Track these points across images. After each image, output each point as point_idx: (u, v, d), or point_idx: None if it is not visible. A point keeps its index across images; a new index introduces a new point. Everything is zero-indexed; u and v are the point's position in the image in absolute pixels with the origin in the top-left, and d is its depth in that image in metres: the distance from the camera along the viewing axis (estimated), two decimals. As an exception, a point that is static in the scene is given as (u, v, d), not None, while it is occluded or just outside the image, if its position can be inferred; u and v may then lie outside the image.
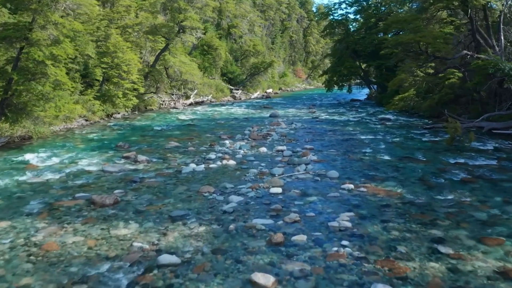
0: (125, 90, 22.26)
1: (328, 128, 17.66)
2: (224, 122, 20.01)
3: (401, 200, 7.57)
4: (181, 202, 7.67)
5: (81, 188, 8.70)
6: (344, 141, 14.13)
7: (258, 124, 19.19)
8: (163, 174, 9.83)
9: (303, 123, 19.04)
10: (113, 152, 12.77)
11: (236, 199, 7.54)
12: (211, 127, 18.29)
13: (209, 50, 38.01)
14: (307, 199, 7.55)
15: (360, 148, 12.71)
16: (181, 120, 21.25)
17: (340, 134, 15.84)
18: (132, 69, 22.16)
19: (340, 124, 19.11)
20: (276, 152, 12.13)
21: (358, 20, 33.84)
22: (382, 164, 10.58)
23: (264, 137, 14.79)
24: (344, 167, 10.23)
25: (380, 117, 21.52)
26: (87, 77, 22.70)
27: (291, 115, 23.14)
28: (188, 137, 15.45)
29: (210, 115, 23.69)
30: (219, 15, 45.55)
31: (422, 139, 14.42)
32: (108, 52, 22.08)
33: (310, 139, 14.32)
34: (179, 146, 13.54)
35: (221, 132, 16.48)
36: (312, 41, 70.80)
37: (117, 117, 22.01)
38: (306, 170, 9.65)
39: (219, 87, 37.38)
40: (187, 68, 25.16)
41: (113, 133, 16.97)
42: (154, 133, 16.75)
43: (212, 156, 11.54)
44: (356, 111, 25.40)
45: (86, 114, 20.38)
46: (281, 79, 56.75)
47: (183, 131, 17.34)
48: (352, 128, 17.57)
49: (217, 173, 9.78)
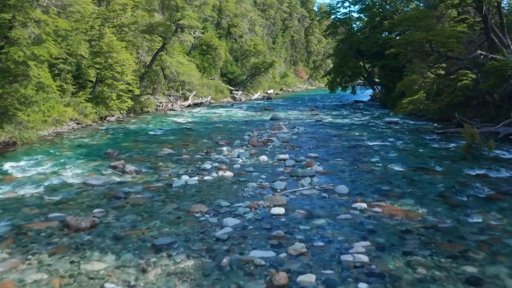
0: (119, 91, 21.28)
1: (332, 132, 16.63)
2: (223, 126, 19.00)
3: (423, 224, 6.54)
4: (168, 225, 6.66)
5: (58, 206, 7.69)
6: (351, 148, 13.09)
7: (258, 128, 18.17)
8: (151, 188, 8.82)
9: (306, 127, 18.01)
10: (100, 160, 11.77)
11: (232, 222, 6.52)
12: (208, 132, 17.27)
13: (208, 50, 37.01)
14: (314, 223, 6.53)
15: (369, 157, 11.68)
16: (177, 123, 20.24)
17: (346, 139, 14.80)
18: (126, 70, 21.16)
19: (345, 128, 18.07)
20: (277, 161, 11.11)
21: (362, 19, 32.82)
22: (395, 176, 9.55)
23: (265, 144, 13.77)
24: (354, 180, 9.20)
25: (387, 120, 20.48)
26: (80, 78, 21.72)
27: (293, 118, 22.11)
28: (183, 143, 14.44)
29: (208, 117, 22.68)
30: (218, 14, 44.55)
31: (435, 146, 13.38)
32: (102, 52, 21.08)
33: (314, 146, 13.29)
34: (172, 154, 12.53)
35: (219, 137, 15.47)
36: (314, 41, 69.73)
37: (111, 120, 21.00)
38: (312, 184, 8.63)
39: (219, 88, 36.37)
40: (184, 69, 24.15)
41: (104, 138, 15.97)
42: (148, 138, 15.74)
43: (207, 166, 10.52)
44: (361, 114, 24.37)
45: (78, 117, 19.38)
46: (282, 79, 55.72)
47: (179, 135, 16.33)
48: (358, 132, 16.54)
49: (211, 187, 8.76)
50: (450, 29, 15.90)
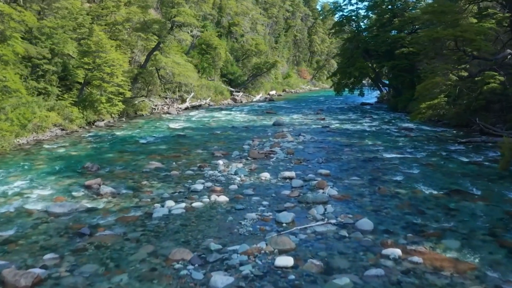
0: (109, 94, 19.60)
1: (342, 141, 14.89)
2: (221, 133, 17.28)
3: (482, 284, 4.81)
4: (138, 282, 4.96)
5: (3, 247, 6.01)
6: (366, 162, 11.35)
7: (259, 135, 16.45)
8: (126, 219, 7.11)
9: (313, 135, 16.28)
10: (76, 177, 10.09)
11: (222, 281, 4.80)
12: (204, 140, 15.56)
13: (208, 49, 35.26)
14: (334, 283, 4.81)
15: (390, 174, 9.94)
16: (171, 129, 18.53)
17: (359, 150, 13.06)
18: (116, 71, 19.47)
19: (356, 135, 16.32)
20: (282, 180, 9.39)
21: (369, 17, 31.00)
22: (427, 203, 7.82)
23: (267, 156, 12.05)
24: (377, 209, 7.46)
25: (400, 126, 18.72)
26: (67, 79, 20.05)
27: (298, 123, 20.37)
28: (174, 154, 12.73)
29: (206, 122, 20.97)
30: (219, 12, 42.85)
31: (462, 159, 11.62)
32: (90, 52, 19.41)
33: (324, 159, 11.54)
34: (160, 168, 10.84)
35: (215, 147, 13.76)
36: (317, 40, 67.88)
37: (100, 125, 19.32)
38: (326, 215, 6.92)
39: (218, 89, 34.65)
40: (180, 69, 22.45)
41: (87, 147, 14.28)
42: (136, 148, 14.04)
43: (198, 187, 8.82)
44: (370, 118, 22.60)
45: (62, 123, 17.72)
46: (284, 80, 53.93)
47: (171, 144, 14.63)
48: (371, 141, 14.79)
49: (200, 219, 7.05)
50: (478, 25, 14.13)
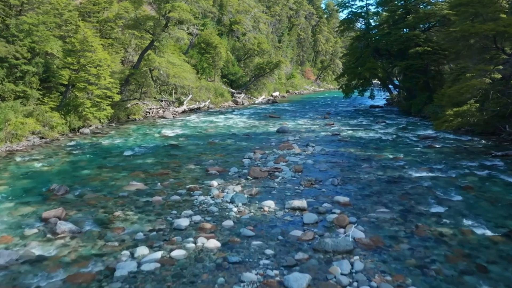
0: (95, 97, 17.70)
1: (358, 153, 12.90)
2: (218, 142, 15.33)
3: None
4: None
5: None
6: (391, 184, 9.36)
7: (262, 145, 14.50)
8: (78, 279, 5.17)
9: (323, 145, 14.30)
10: (37, 203, 8.21)
11: None
12: (199, 151, 13.62)
13: (207, 48, 33.33)
14: None
15: (425, 203, 7.95)
16: (164, 137, 16.60)
17: (380, 166, 11.07)
18: (103, 72, 17.57)
19: (372, 146, 14.33)
20: (290, 211, 7.43)
21: (380, 14, 28.92)
22: (484, 251, 5.84)
23: (271, 174, 10.09)
24: (422, 263, 5.48)
25: (420, 134, 16.67)
26: (49, 81, 18.17)
27: (304, 130, 18.38)
28: (162, 171, 10.80)
29: (203, 128, 19.01)
30: (219, 9, 40.94)
31: (507, 179, 9.61)
32: (74, 51, 17.53)
33: (339, 179, 9.54)
34: (141, 192, 8.92)
35: (211, 161, 11.82)
36: (322, 40, 65.84)
37: (85, 132, 17.41)
38: (353, 277, 4.95)
39: (219, 90, 32.72)
40: (176, 70, 20.51)
41: (63, 160, 12.36)
42: (119, 161, 12.12)
43: (183, 223, 6.87)
44: (384, 123, 20.57)
45: (42, 130, 15.84)
46: (288, 80, 51.93)
47: (160, 157, 12.69)
48: (391, 153, 12.80)
49: (179, 281, 5.09)
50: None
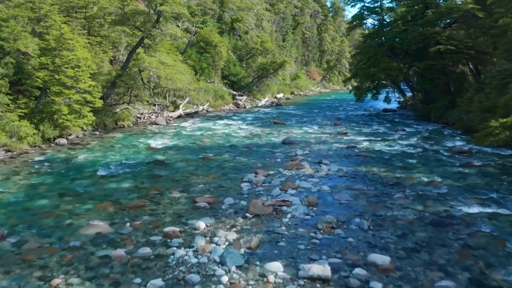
0: (74, 103, 15.36)
1: (384, 175, 10.46)
2: (213, 157, 12.93)
3: None
4: None
5: None
6: (441, 228, 6.90)
7: (265, 162, 12.10)
8: None
9: (339, 162, 11.88)
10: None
11: None
12: (189, 170, 11.24)
13: (207, 47, 30.95)
14: None
15: (500, 266, 5.53)
16: (151, 149, 14.24)
17: (417, 196, 8.64)
18: (82, 75, 15.23)
19: (398, 163, 11.87)
20: (307, 284, 5.02)
21: (394, 10, 26.38)
22: None
23: (276, 210, 7.68)
24: None
25: (452, 147, 14.14)
26: (22, 84, 15.85)
27: (314, 141, 15.92)
28: (136, 203, 8.44)
29: (197, 138, 16.62)
30: (220, 6, 38.55)
31: None
32: (49, 49, 15.22)
33: (369, 220, 7.10)
34: (101, 238, 6.59)
35: (201, 186, 9.46)
36: (328, 39, 63.21)
37: (62, 143, 15.08)
38: None
39: (219, 93, 30.33)
40: (168, 71, 18.15)
41: (20, 184, 10.02)
42: (88, 186, 9.78)
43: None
44: (404, 132, 18.06)
45: (8, 142, 13.52)
46: (293, 81, 49.43)
47: (140, 180, 10.32)
48: (424, 175, 10.35)
49: None
50: None
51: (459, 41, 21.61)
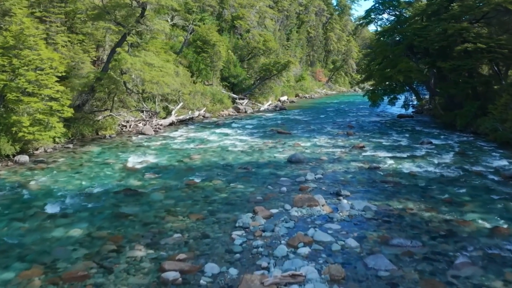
0: (37, 112, 12.74)
1: (427, 215, 7.75)
2: (201, 183, 10.24)
3: None
4: None
5: None
6: None
7: (267, 191, 9.41)
8: None
9: (362, 193, 9.19)
10: None
11: None
12: (166, 205, 8.57)
13: (204, 46, 28.31)
14: None
15: None
16: (126, 171, 11.59)
17: (486, 258, 5.96)
18: (47, 78, 12.61)
19: (439, 195, 9.14)
20: None
21: (412, 4, 23.61)
22: None
23: (283, 292, 5.00)
24: None
25: (501, 171, 11.34)
26: (-24, 90, 13.26)
27: (327, 158, 13.19)
28: (80, 268, 5.81)
29: (186, 154, 13.94)
30: (220, 3, 35.94)
31: None
32: (6, 48, 12.61)
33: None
34: None
35: (176, 237, 6.79)
36: (334, 38, 60.39)
37: (22, 160, 12.46)
38: None
39: (217, 96, 27.68)
40: (154, 74, 15.52)
41: None
42: (25, 232, 7.15)
43: None
44: (430, 145, 15.34)
45: (-51, 162, 10.95)
46: (297, 83, 46.71)
47: (97, 223, 7.66)
48: (482, 217, 7.64)
49: None
50: None
51: (489, 38, 18.87)
